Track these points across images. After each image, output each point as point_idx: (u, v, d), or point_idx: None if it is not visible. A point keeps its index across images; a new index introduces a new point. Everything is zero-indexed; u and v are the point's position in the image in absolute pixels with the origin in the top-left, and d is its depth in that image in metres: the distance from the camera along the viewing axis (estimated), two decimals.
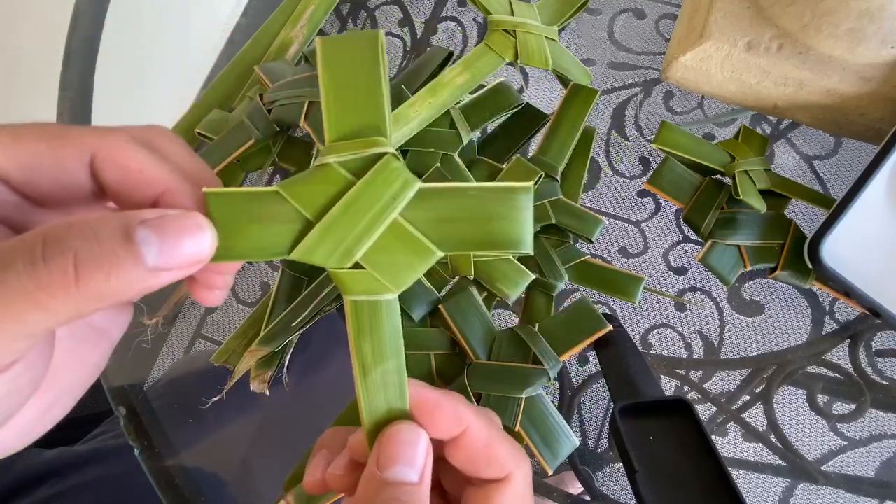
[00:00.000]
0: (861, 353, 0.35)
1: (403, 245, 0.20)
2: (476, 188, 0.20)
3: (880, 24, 0.30)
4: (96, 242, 0.15)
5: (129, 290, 0.16)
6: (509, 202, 0.20)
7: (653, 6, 0.42)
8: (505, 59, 0.33)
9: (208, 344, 0.40)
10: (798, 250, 0.34)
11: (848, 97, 0.33)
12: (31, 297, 0.15)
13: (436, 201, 0.20)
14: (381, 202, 0.19)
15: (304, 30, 0.43)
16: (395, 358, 0.20)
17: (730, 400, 0.35)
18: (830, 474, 0.34)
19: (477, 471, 0.20)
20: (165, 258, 0.16)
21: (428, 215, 0.20)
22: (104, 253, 0.15)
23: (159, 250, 0.16)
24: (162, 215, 0.16)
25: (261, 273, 0.40)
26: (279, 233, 0.19)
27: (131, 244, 0.15)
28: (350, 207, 0.19)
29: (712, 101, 0.40)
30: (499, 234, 0.20)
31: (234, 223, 0.19)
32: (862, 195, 0.31)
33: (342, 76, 0.20)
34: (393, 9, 0.45)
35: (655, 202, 0.39)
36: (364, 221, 0.19)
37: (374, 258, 0.19)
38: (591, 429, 0.36)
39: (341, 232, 0.19)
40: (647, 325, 0.37)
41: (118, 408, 0.39)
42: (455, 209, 0.20)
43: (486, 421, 0.21)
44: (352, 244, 0.19)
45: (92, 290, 0.15)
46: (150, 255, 0.16)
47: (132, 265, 0.15)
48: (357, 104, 0.20)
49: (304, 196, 0.19)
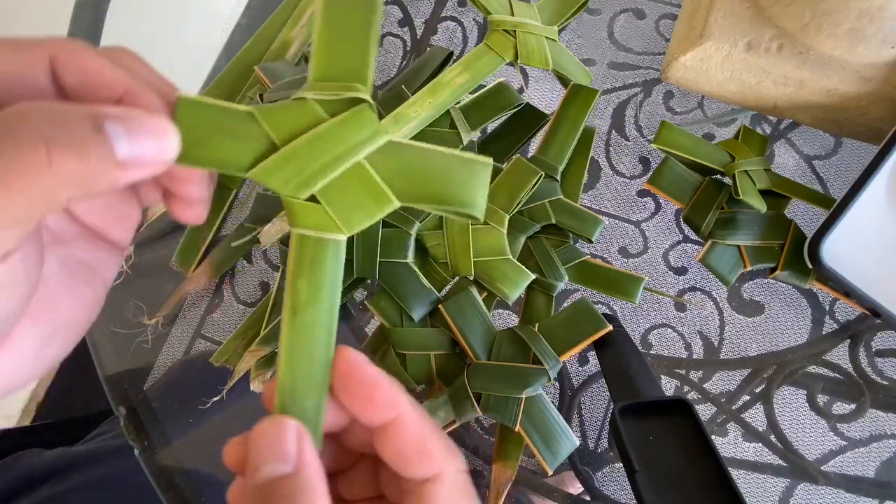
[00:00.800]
0: (861, 353, 0.35)
1: (363, 188, 0.20)
2: (441, 152, 0.21)
3: (880, 24, 0.30)
4: (65, 128, 0.15)
5: (99, 181, 0.16)
6: (469, 170, 0.21)
7: (653, 6, 0.42)
8: (505, 59, 0.34)
9: (208, 344, 0.40)
10: (798, 250, 0.34)
11: (848, 97, 0.33)
12: (4, 181, 0.15)
13: (402, 155, 0.20)
14: (348, 143, 0.20)
15: (304, 30, 0.43)
16: (329, 301, 0.20)
17: (730, 400, 0.35)
18: (830, 474, 0.34)
19: (408, 466, 0.20)
20: (135, 151, 0.16)
21: (392, 166, 0.20)
22: (75, 139, 0.15)
23: (128, 144, 0.16)
24: (128, 111, 0.17)
25: (261, 273, 0.40)
26: (243, 150, 0.19)
27: (101, 135, 0.16)
28: (317, 140, 0.20)
29: (712, 101, 0.40)
30: (456, 195, 0.21)
31: (200, 131, 0.19)
32: (862, 195, 0.31)
33: (337, 20, 0.21)
34: (393, 9, 0.45)
35: (655, 202, 0.39)
36: (328, 157, 0.20)
37: (332, 195, 0.20)
38: (591, 429, 0.36)
39: (303, 161, 0.20)
40: (647, 325, 0.37)
41: (118, 408, 0.39)
42: (418, 166, 0.20)
43: (422, 412, 0.20)
44: (311, 176, 0.20)
45: (65, 173, 0.15)
46: (120, 147, 0.16)
47: (102, 154, 0.16)
48: (345, 49, 0.21)
49: (275, 121, 0.20)
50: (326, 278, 0.20)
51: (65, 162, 0.15)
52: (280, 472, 0.18)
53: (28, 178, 0.15)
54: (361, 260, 0.34)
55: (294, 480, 0.18)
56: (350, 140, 0.20)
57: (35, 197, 0.15)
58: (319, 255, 0.20)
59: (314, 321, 0.20)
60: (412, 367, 0.33)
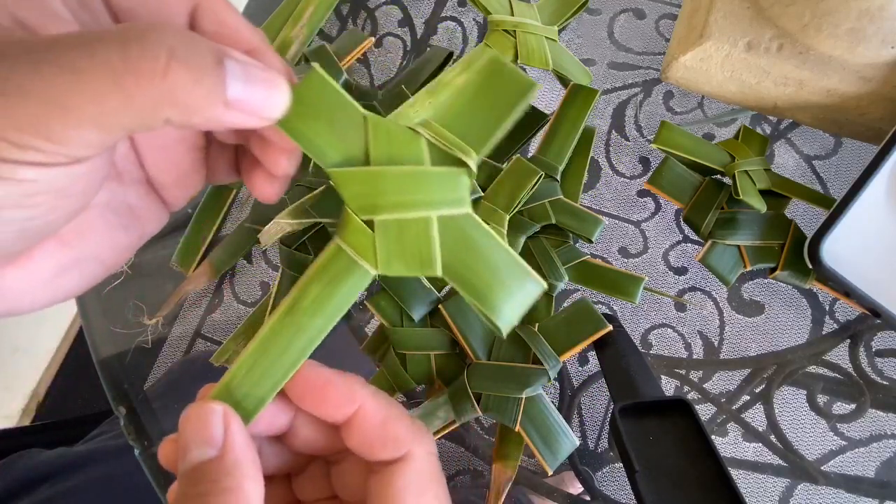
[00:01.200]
0: (861, 353, 0.35)
1: (417, 243, 0.20)
2: (506, 251, 0.20)
3: (880, 24, 0.30)
4: (189, 48, 0.15)
5: (202, 110, 0.16)
6: (520, 282, 0.20)
7: (653, 6, 0.42)
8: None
9: (208, 344, 0.40)
10: (798, 250, 0.34)
11: (848, 97, 0.33)
12: (116, 78, 0.14)
13: (470, 232, 0.20)
14: (433, 196, 0.19)
15: (304, 30, 0.43)
16: (326, 318, 0.20)
17: (730, 400, 0.35)
18: (830, 474, 0.34)
19: (374, 452, 0.20)
20: (244, 95, 0.16)
21: (455, 238, 0.20)
22: (196, 61, 0.15)
23: (241, 86, 0.16)
24: (250, 59, 0.17)
25: (261, 273, 0.40)
26: (337, 145, 0.19)
27: (220, 67, 0.16)
28: (408, 178, 0.19)
29: (712, 101, 0.40)
30: (494, 297, 0.20)
31: (311, 108, 0.19)
32: (862, 195, 0.31)
33: (485, 90, 0.21)
34: (393, 9, 0.45)
35: (655, 202, 0.39)
36: (407, 197, 0.19)
37: (387, 232, 0.19)
38: (591, 429, 0.36)
39: (383, 188, 0.19)
40: (647, 325, 0.37)
41: (118, 408, 0.39)
42: (478, 252, 0.20)
43: (383, 400, 0.20)
44: (381, 205, 0.19)
45: (175, 90, 0.15)
46: (232, 86, 0.16)
47: (214, 85, 0.16)
48: (479, 116, 0.20)
49: (380, 136, 0.19)
50: (337, 298, 0.20)
51: (179, 76, 0.15)
52: (206, 457, 0.18)
53: (140, 81, 0.14)
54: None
55: (219, 464, 0.18)
56: (435, 194, 0.19)
57: (139, 104, 0.15)
58: (343, 275, 0.20)
59: (302, 328, 0.20)
60: (412, 367, 0.33)
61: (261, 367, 0.20)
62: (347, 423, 0.20)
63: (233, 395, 0.19)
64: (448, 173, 0.20)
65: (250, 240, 0.38)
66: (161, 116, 0.15)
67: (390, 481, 0.19)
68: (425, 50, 0.44)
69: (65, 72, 0.14)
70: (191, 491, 0.17)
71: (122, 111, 0.15)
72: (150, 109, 0.15)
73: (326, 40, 0.44)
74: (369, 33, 0.45)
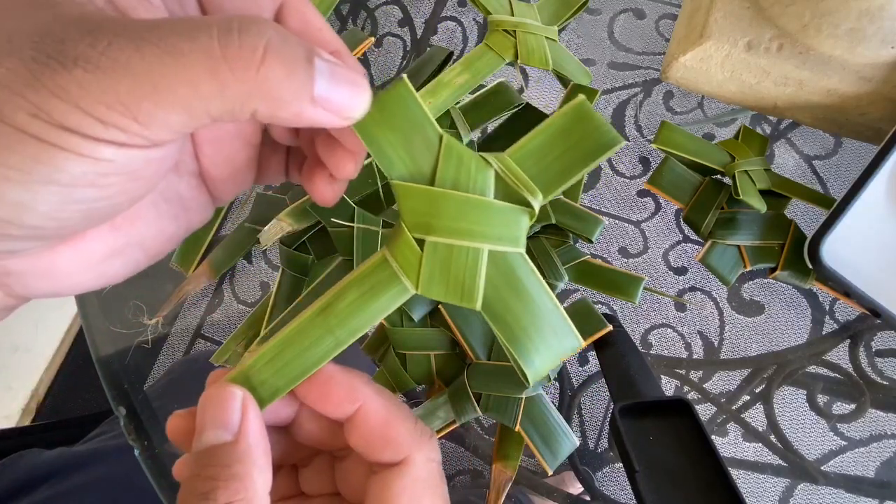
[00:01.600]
0: (861, 353, 0.35)
1: (462, 272, 0.19)
2: (552, 302, 0.20)
3: (880, 24, 0.30)
4: (285, 43, 0.16)
5: (289, 105, 0.16)
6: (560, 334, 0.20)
7: (653, 6, 0.42)
8: (505, 59, 0.34)
9: (208, 344, 0.40)
10: (798, 250, 0.34)
11: (848, 97, 0.33)
12: (213, 65, 0.15)
13: (518, 273, 0.20)
14: (490, 229, 0.19)
15: None
16: (358, 324, 0.20)
17: (730, 400, 0.35)
18: (830, 474, 0.34)
19: (373, 453, 0.20)
20: (330, 93, 0.17)
21: (502, 275, 0.19)
22: (290, 56, 0.16)
23: (328, 84, 0.16)
24: (337, 60, 0.17)
25: (261, 273, 0.40)
26: (405, 158, 0.19)
27: (311, 65, 0.16)
28: (468, 206, 0.19)
29: (712, 101, 0.40)
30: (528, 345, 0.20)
31: (388, 116, 0.19)
32: (862, 195, 0.31)
33: (565, 136, 0.20)
34: (393, 9, 0.45)
35: (655, 202, 0.39)
36: (463, 223, 0.19)
37: (436, 254, 0.19)
38: (591, 429, 0.36)
39: (444, 211, 0.19)
40: (647, 325, 0.37)
41: (118, 408, 0.39)
42: (522, 294, 0.20)
43: (386, 400, 0.20)
44: (436, 226, 0.19)
45: (267, 83, 0.15)
46: (319, 83, 0.16)
47: (304, 81, 0.16)
48: (552, 163, 0.20)
49: (451, 160, 0.19)
50: (372, 308, 0.20)
51: (273, 69, 0.15)
52: (221, 440, 0.18)
53: (235, 72, 0.15)
54: (361, 259, 0.34)
55: (233, 449, 0.18)
56: (493, 228, 0.19)
57: (232, 93, 0.15)
58: (383, 286, 0.20)
59: (331, 330, 0.20)
60: (412, 367, 0.33)
61: (283, 359, 0.20)
62: (349, 421, 0.20)
63: (250, 382, 0.19)
64: (510, 210, 0.20)
65: (250, 240, 0.38)
66: (250, 107, 0.16)
67: (387, 485, 0.19)
68: (425, 50, 0.44)
69: (165, 53, 0.14)
70: (202, 472, 0.17)
71: (214, 98, 0.15)
72: (241, 99, 0.15)
73: None
74: (369, 33, 0.45)
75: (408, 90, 0.19)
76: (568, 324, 0.20)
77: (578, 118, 0.20)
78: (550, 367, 0.20)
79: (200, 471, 0.18)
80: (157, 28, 0.15)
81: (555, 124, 0.20)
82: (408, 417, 0.20)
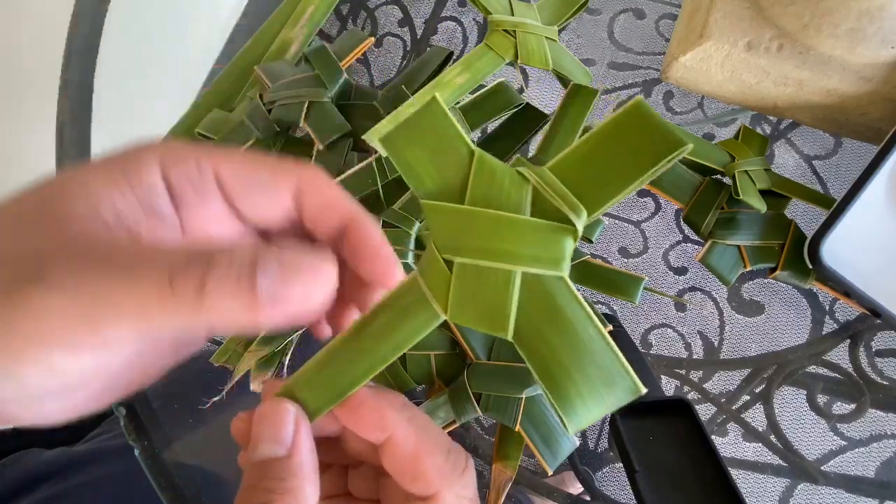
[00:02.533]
0: (861, 353, 0.35)
1: (493, 297, 0.18)
2: (602, 335, 0.17)
3: (880, 24, 0.30)
4: (232, 262, 0.16)
5: (240, 318, 0.16)
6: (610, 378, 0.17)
7: (653, 6, 0.42)
8: (505, 59, 0.34)
9: (208, 344, 0.40)
10: (798, 250, 0.34)
11: (848, 97, 0.33)
12: (160, 291, 0.16)
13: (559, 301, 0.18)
14: (524, 250, 0.18)
15: (304, 30, 0.43)
16: (391, 347, 0.19)
17: (730, 400, 0.35)
18: (830, 474, 0.34)
19: (404, 483, 0.20)
20: (281, 293, 0.17)
21: (538, 302, 0.18)
22: (233, 273, 0.16)
23: (276, 285, 0.17)
24: (292, 253, 0.17)
25: None
26: (435, 176, 0.19)
27: (253, 274, 0.16)
28: (503, 224, 0.18)
29: (712, 101, 0.40)
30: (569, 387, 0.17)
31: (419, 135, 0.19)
32: (862, 195, 0.31)
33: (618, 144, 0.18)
34: (393, 9, 0.45)
35: (655, 202, 0.39)
36: (496, 245, 0.18)
37: (465, 276, 0.18)
38: (591, 429, 0.36)
39: (474, 230, 0.18)
40: (647, 325, 0.37)
41: (118, 408, 0.39)
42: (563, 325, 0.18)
43: (417, 430, 0.20)
44: (467, 247, 0.18)
45: (211, 305, 0.16)
46: (265, 287, 0.16)
47: (248, 293, 0.16)
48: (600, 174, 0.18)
49: (483, 175, 0.18)
50: (403, 331, 0.19)
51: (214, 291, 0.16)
52: (275, 454, 0.19)
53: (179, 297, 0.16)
54: None
55: (286, 464, 0.19)
56: (526, 248, 0.18)
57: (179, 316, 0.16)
58: (413, 309, 0.19)
59: (365, 352, 0.19)
60: (412, 367, 0.33)
61: (321, 379, 0.19)
62: (381, 447, 0.20)
63: (296, 398, 0.20)
64: (546, 227, 0.18)
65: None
66: (202, 325, 0.17)
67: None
68: (425, 50, 0.44)
69: (124, 276, 0.16)
70: (259, 484, 0.18)
71: (163, 318, 0.16)
72: (190, 319, 0.16)
73: (326, 40, 0.44)
74: (369, 33, 0.45)
75: (439, 108, 0.19)
76: (622, 365, 0.17)
77: (635, 122, 0.18)
78: (597, 418, 0.17)
79: (258, 482, 0.18)
80: (128, 256, 0.16)
81: (606, 130, 0.18)
82: (438, 451, 0.20)
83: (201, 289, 0.16)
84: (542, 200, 0.18)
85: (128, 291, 0.16)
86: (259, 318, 0.16)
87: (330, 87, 0.37)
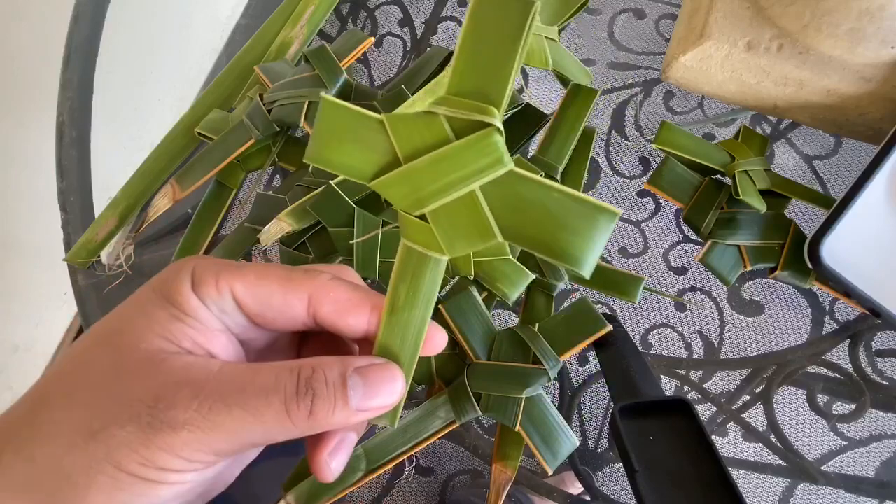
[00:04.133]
0: (861, 353, 0.35)
1: (470, 218, 0.20)
2: (564, 192, 0.19)
3: (880, 24, 0.30)
4: (329, 383, 0.20)
5: (337, 424, 0.20)
6: (590, 219, 0.19)
7: (653, 6, 0.42)
8: None
9: None
10: (798, 250, 0.34)
11: (848, 97, 0.33)
12: (281, 420, 0.19)
13: (519, 189, 0.19)
14: (467, 169, 0.19)
15: (304, 30, 0.43)
16: (422, 308, 0.21)
17: (730, 400, 0.35)
18: (830, 474, 0.34)
19: None
20: (367, 402, 0.20)
21: (505, 198, 0.19)
22: (331, 395, 0.20)
23: (363, 396, 0.20)
24: (370, 364, 0.21)
25: None
26: (368, 159, 0.20)
27: (345, 388, 0.20)
28: (438, 162, 0.20)
29: (712, 101, 0.40)
30: (564, 245, 0.19)
31: (335, 135, 0.20)
32: (862, 195, 0.31)
33: (484, 34, 0.19)
34: (393, 9, 0.45)
35: (655, 202, 0.39)
36: (445, 180, 0.20)
37: (440, 218, 0.20)
38: (591, 429, 0.36)
39: (421, 181, 0.20)
40: (647, 325, 0.37)
41: None
42: (534, 204, 0.19)
43: None
44: (426, 196, 0.20)
45: (318, 423, 0.20)
46: (355, 400, 0.20)
47: (343, 408, 0.20)
48: (486, 67, 0.19)
49: (402, 134, 0.20)
50: (424, 288, 0.21)
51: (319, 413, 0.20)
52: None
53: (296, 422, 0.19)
54: (361, 260, 0.34)
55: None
56: (470, 166, 0.19)
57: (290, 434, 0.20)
58: (420, 269, 0.21)
59: (407, 323, 0.21)
60: None
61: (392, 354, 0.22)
62: None
63: None
64: (474, 140, 0.19)
65: (250, 240, 0.38)
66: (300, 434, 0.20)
67: None
68: (425, 50, 0.44)
69: (248, 415, 0.19)
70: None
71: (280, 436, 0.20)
72: (300, 433, 0.20)
73: (326, 40, 0.44)
74: (369, 33, 0.45)
75: (332, 104, 0.20)
76: (592, 204, 0.19)
77: (483, 5, 0.19)
78: (598, 254, 0.19)
79: None
80: (243, 392, 0.19)
81: (467, 30, 0.19)
82: None
83: (310, 414, 0.19)
84: (458, 121, 0.19)
85: (252, 427, 0.19)
86: (353, 418, 0.20)
87: (330, 87, 0.37)
